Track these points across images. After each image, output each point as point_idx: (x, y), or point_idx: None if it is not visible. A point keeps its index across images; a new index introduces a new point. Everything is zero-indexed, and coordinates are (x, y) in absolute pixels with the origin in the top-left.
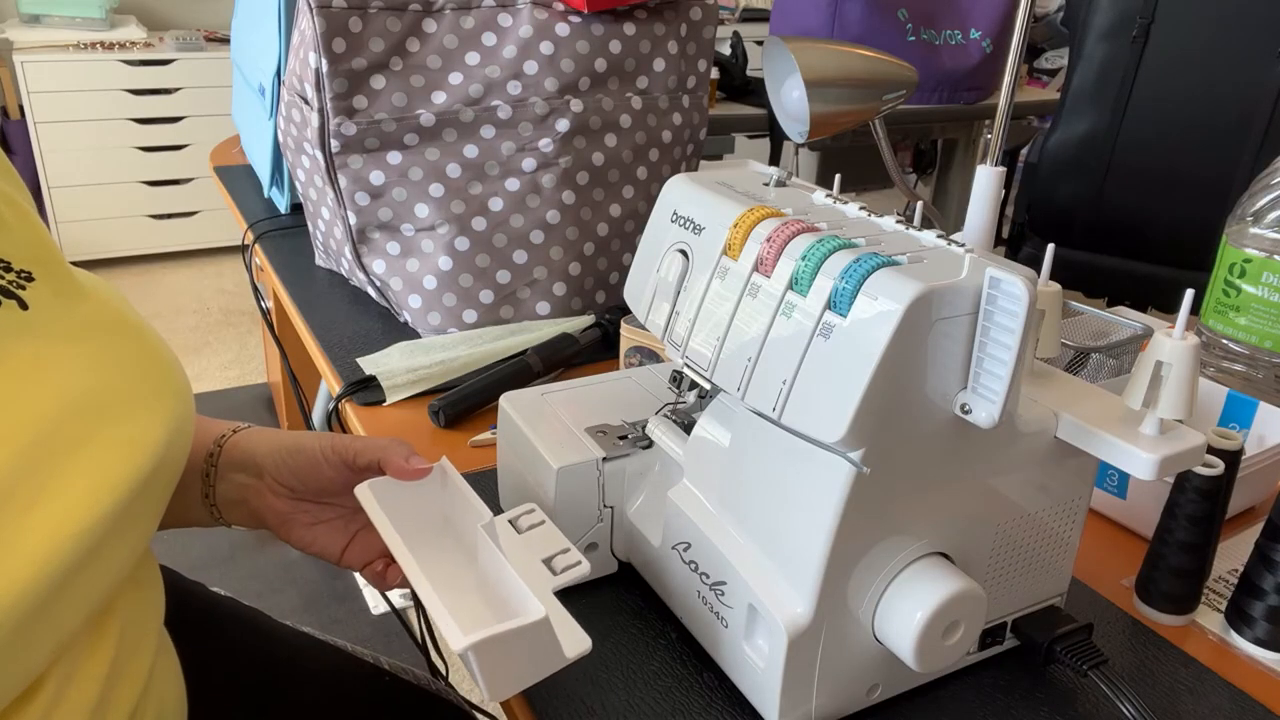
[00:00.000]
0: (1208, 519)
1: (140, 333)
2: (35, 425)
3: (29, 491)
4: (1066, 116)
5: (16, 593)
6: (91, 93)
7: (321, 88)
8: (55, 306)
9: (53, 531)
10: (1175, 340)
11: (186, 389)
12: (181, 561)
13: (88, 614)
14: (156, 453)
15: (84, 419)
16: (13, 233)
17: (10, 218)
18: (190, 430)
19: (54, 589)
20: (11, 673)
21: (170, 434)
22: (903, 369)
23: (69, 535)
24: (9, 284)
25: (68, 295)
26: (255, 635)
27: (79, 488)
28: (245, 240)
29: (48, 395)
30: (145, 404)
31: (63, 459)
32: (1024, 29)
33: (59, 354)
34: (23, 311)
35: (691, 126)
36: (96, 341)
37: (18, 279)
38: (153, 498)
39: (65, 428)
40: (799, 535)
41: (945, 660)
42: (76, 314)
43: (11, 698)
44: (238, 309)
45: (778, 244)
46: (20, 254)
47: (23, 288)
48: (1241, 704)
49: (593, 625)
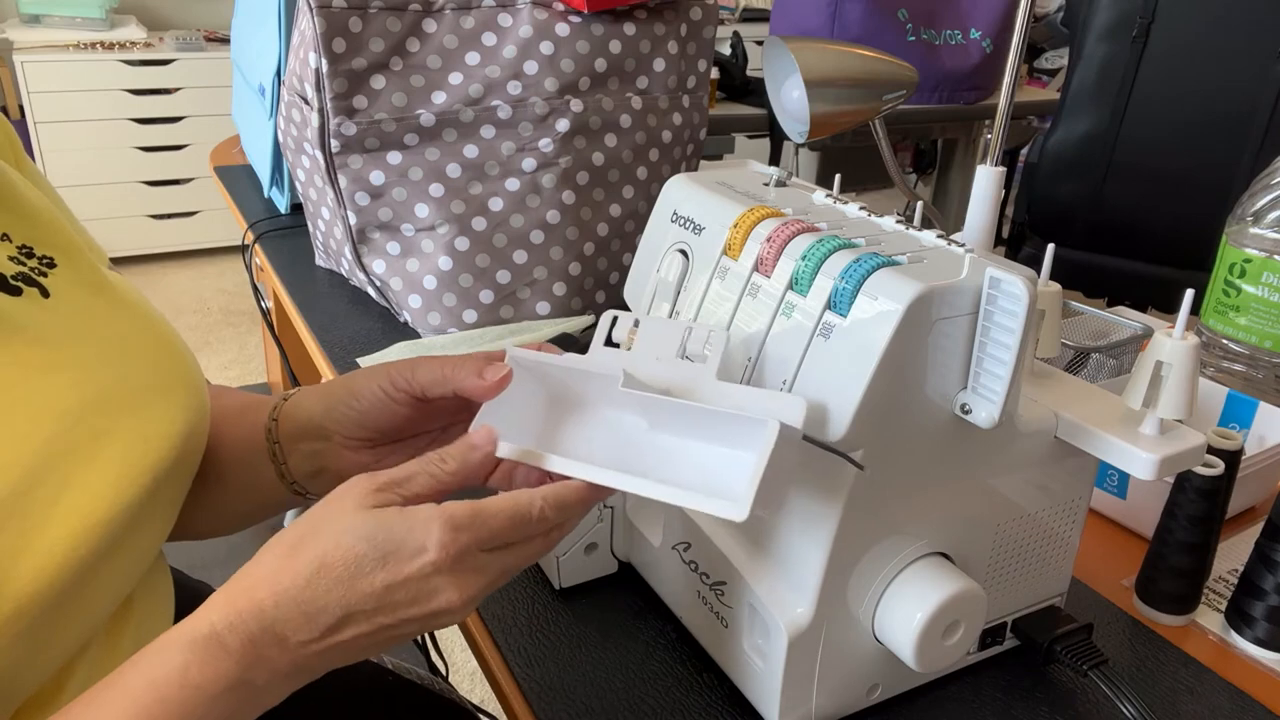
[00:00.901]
0: (1208, 519)
1: (157, 325)
2: (58, 418)
3: (55, 482)
4: (1066, 116)
5: (46, 580)
6: (91, 93)
7: (321, 88)
8: (76, 295)
9: (79, 522)
10: (1175, 340)
11: (201, 381)
12: (182, 562)
13: (110, 605)
14: (176, 444)
15: (105, 411)
16: (35, 219)
17: (33, 204)
18: (206, 422)
19: (79, 577)
20: (40, 659)
21: (189, 425)
22: (903, 369)
23: (94, 524)
24: (30, 270)
25: (89, 285)
26: None
27: (103, 479)
28: (245, 240)
29: (69, 387)
30: (164, 395)
31: (86, 450)
32: (1024, 29)
33: (79, 344)
34: (44, 299)
35: (691, 126)
36: (115, 332)
37: (40, 265)
38: (172, 489)
39: (87, 419)
40: (799, 535)
41: (945, 660)
42: (97, 304)
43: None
44: (238, 309)
45: (778, 244)
46: (44, 240)
47: (44, 274)
48: (1241, 704)
49: (593, 625)
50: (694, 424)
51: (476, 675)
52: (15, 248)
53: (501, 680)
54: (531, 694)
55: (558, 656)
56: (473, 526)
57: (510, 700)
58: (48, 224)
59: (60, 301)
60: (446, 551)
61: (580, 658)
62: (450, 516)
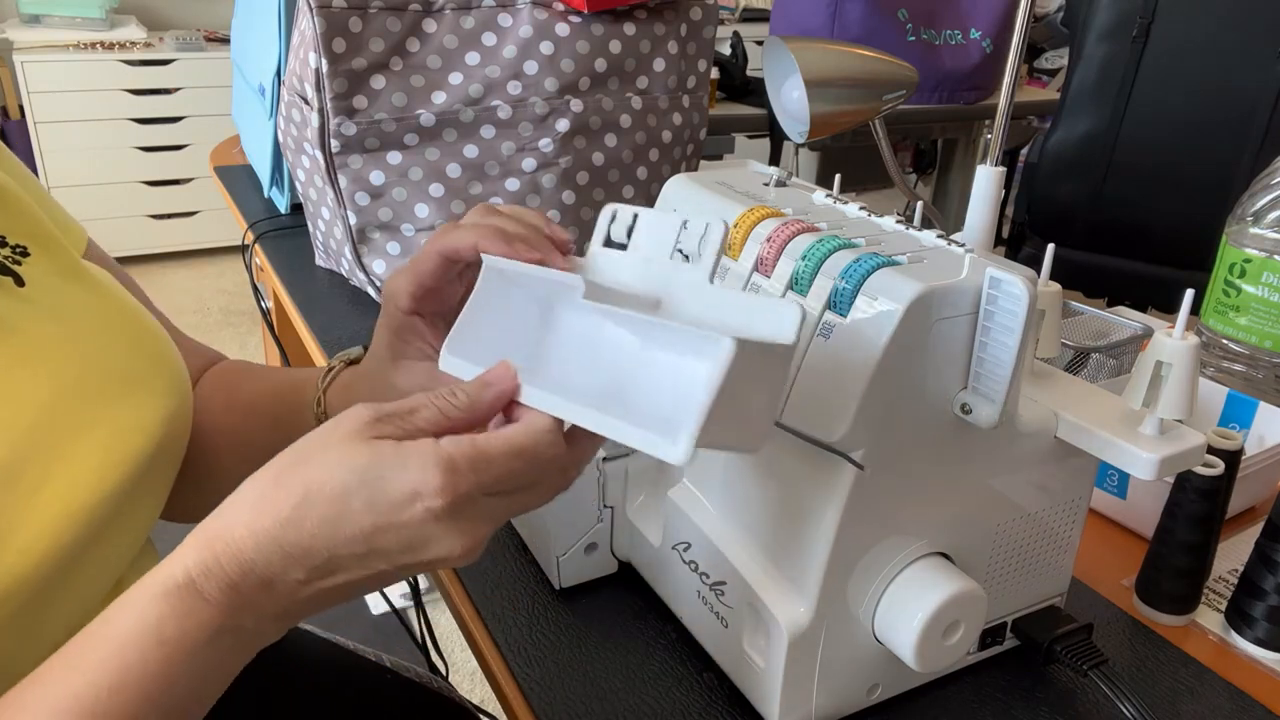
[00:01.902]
0: (1208, 519)
1: (135, 312)
2: (36, 407)
3: (36, 473)
4: (1066, 116)
5: (31, 566)
6: (91, 93)
7: (321, 88)
8: (51, 283)
9: (61, 510)
10: (1175, 340)
11: (182, 370)
12: None
13: (100, 590)
14: (158, 431)
15: (84, 399)
16: (7, 207)
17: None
18: (189, 407)
19: (65, 565)
20: (30, 646)
21: (170, 411)
22: (903, 369)
23: (77, 511)
24: (4, 259)
25: (64, 273)
26: None
27: (84, 467)
28: (245, 240)
29: (46, 377)
30: (143, 384)
31: (67, 440)
32: (1024, 29)
33: (56, 333)
34: (18, 288)
35: (691, 126)
36: (93, 320)
37: (13, 254)
38: (157, 475)
39: (66, 409)
40: (799, 535)
41: (945, 660)
42: (73, 292)
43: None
44: (238, 309)
45: (778, 244)
46: (16, 228)
47: (18, 263)
48: (1241, 704)
49: (593, 625)
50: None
51: (476, 675)
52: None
53: (501, 680)
54: (531, 694)
55: (558, 656)
56: (475, 469)
57: (510, 700)
58: (20, 212)
59: (36, 290)
60: (443, 498)
61: (580, 658)
62: (448, 458)
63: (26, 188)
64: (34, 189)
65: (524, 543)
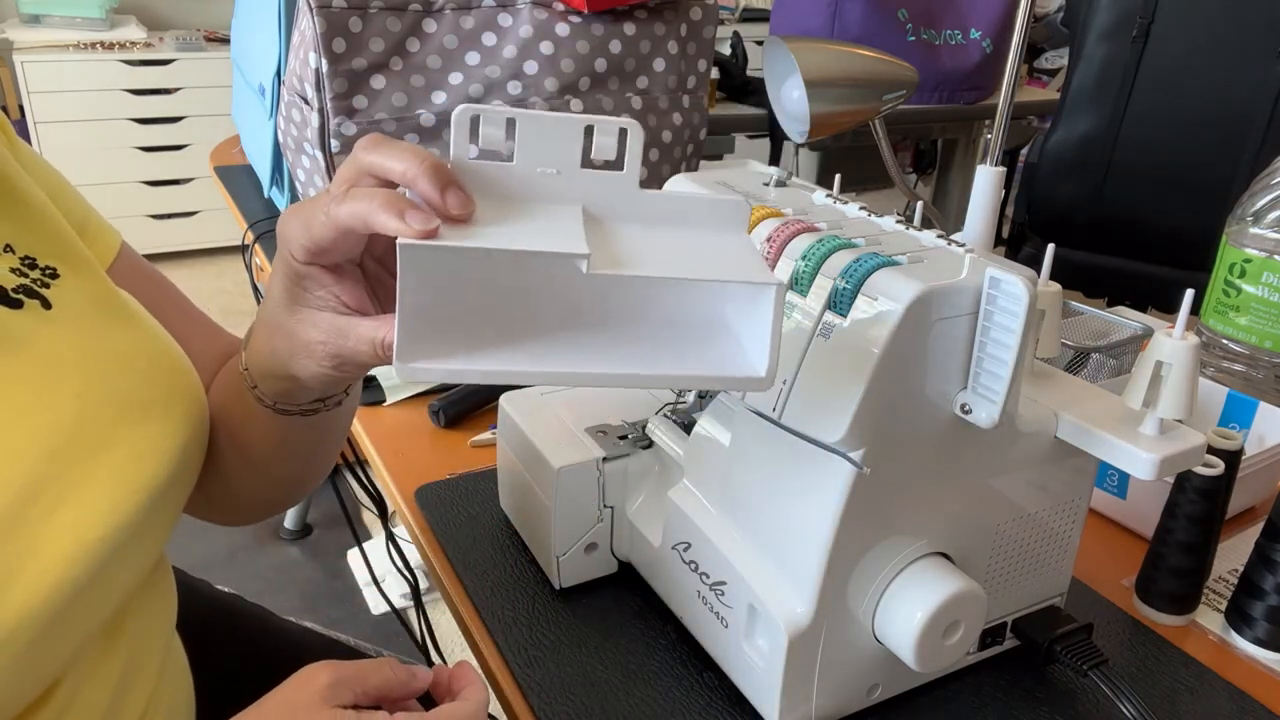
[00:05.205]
0: (1208, 519)
1: (159, 337)
2: (54, 431)
3: (50, 501)
4: (1066, 116)
5: (44, 596)
6: (91, 93)
7: (321, 88)
8: (78, 307)
9: (73, 543)
10: (1175, 340)
11: (201, 398)
12: (182, 562)
13: (103, 618)
14: (173, 459)
15: (103, 425)
16: (38, 227)
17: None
18: (206, 434)
19: (73, 597)
20: (31, 676)
21: (187, 439)
22: (903, 369)
23: (92, 541)
24: (33, 282)
25: (91, 296)
26: (260, 631)
27: (99, 497)
28: (245, 240)
29: (68, 400)
30: (163, 409)
31: (84, 465)
32: (1024, 29)
33: (80, 358)
34: (45, 311)
35: (691, 126)
36: (117, 344)
37: (42, 276)
38: (169, 503)
39: (85, 434)
40: (799, 535)
41: (945, 660)
42: (99, 316)
43: (29, 701)
44: (238, 309)
45: (778, 244)
46: (47, 249)
47: (46, 285)
48: (1241, 704)
49: (593, 625)
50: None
51: None
52: (18, 259)
53: (501, 680)
54: (531, 694)
55: (558, 656)
56: None
57: (510, 700)
58: (51, 232)
59: (62, 314)
60: None
61: (580, 658)
62: None
63: (61, 194)
64: (67, 195)
65: (524, 543)
